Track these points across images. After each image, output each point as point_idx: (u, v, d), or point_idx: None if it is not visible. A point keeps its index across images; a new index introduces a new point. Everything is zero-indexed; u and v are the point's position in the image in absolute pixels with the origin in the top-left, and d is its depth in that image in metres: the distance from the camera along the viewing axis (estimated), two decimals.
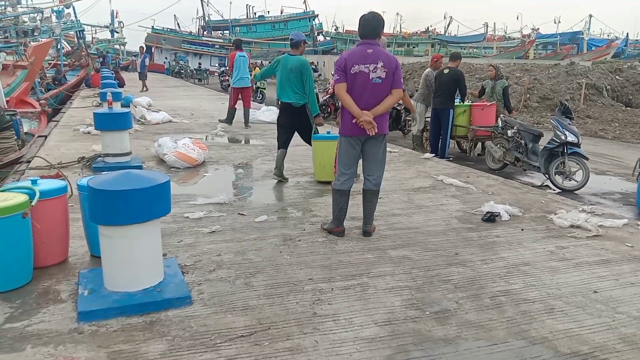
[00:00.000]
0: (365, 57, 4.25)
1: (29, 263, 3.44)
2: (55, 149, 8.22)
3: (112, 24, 45.51)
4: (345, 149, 4.47)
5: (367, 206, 4.57)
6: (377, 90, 4.26)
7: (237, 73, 11.62)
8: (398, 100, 4.51)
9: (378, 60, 4.23)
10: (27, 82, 14.57)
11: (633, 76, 21.15)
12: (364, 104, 4.25)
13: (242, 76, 11.61)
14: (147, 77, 21.44)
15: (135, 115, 11.26)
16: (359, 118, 4.22)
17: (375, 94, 4.27)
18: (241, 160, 7.84)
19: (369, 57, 4.24)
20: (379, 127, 4.29)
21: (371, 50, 4.26)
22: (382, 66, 4.23)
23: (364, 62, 4.24)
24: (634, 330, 3.00)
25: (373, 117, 4.23)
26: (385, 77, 4.25)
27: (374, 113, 4.24)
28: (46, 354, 2.61)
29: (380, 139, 4.43)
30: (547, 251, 4.28)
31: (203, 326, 2.92)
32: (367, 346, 2.76)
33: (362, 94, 4.27)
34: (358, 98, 4.27)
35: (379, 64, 4.23)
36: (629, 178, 8.08)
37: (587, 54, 49.86)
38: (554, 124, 7.51)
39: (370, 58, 4.24)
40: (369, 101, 4.26)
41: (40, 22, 23.74)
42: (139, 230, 3.09)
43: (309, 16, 56.05)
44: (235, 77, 11.69)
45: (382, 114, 4.33)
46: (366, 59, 4.24)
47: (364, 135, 4.33)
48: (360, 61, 4.25)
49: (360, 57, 4.26)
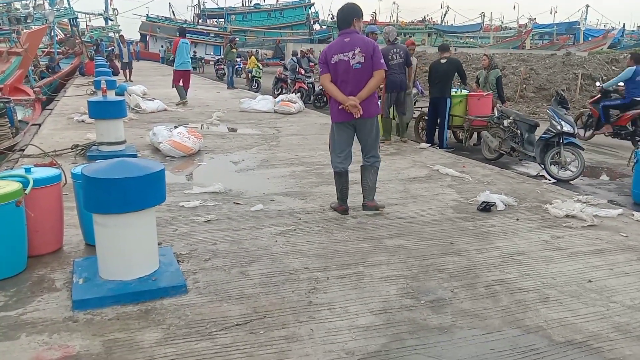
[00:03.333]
0: (343, 46, 4.53)
1: (23, 251, 3.43)
2: (49, 137, 8.17)
3: (106, 11, 44.96)
4: (337, 135, 4.76)
5: (365, 181, 4.84)
6: (359, 75, 4.51)
7: (179, 58, 12.91)
8: (381, 81, 4.75)
9: (355, 47, 4.48)
10: (21, 69, 14.39)
11: None
12: (349, 91, 4.51)
13: (184, 60, 12.95)
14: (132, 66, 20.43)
15: (129, 104, 11.18)
16: (344, 103, 4.48)
17: (357, 79, 4.51)
18: (237, 149, 7.81)
19: (346, 45, 4.51)
20: (367, 110, 4.55)
21: (348, 39, 4.53)
22: (360, 51, 4.47)
23: (342, 51, 4.52)
24: (628, 319, 3.02)
25: (360, 102, 4.47)
26: (365, 62, 4.49)
27: (359, 97, 4.48)
28: (41, 342, 2.61)
29: (371, 121, 4.68)
30: (542, 241, 4.30)
31: (198, 315, 2.92)
32: (362, 334, 2.77)
33: (345, 81, 4.53)
34: (343, 85, 4.54)
35: (356, 50, 4.47)
36: (624, 168, 8.10)
37: (584, 45, 49.73)
38: (550, 114, 7.50)
39: (347, 46, 4.51)
40: (353, 86, 4.51)
41: (33, 9, 23.48)
42: (133, 219, 3.08)
43: (305, 4, 55.55)
44: (178, 61, 12.94)
45: (367, 97, 4.55)
46: (344, 48, 4.52)
47: (353, 119, 4.58)
48: (339, 50, 4.53)
49: (338, 47, 4.55)
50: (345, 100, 4.48)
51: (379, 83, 4.70)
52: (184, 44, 12.96)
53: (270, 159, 7.23)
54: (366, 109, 4.55)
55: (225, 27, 51.10)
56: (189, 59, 13.20)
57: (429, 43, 50.75)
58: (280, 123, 10.73)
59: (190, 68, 13.39)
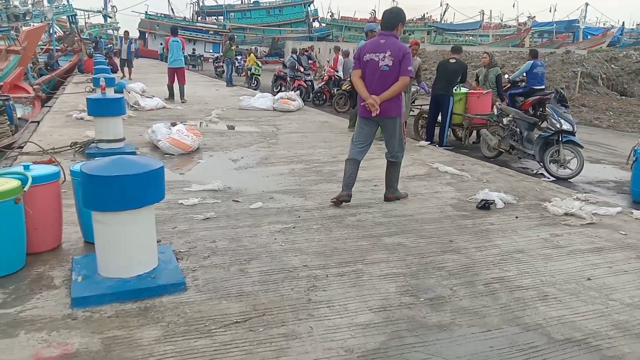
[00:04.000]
0: (377, 46, 4.83)
1: (22, 249, 3.42)
2: (48, 134, 8.16)
3: (105, 8, 44.87)
4: (359, 128, 5.11)
5: (386, 175, 5.24)
6: (384, 76, 4.78)
7: (171, 55, 13.41)
8: (404, 87, 4.92)
9: (387, 50, 4.76)
10: (20, 67, 14.37)
11: (628, 65, 21.17)
12: (373, 89, 4.81)
13: (175, 58, 13.39)
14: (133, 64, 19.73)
15: (128, 101, 11.17)
16: (366, 100, 4.78)
17: (383, 80, 4.79)
18: (236, 147, 7.81)
19: (380, 46, 4.81)
20: (388, 110, 4.84)
21: (383, 41, 4.82)
22: (390, 55, 4.74)
23: (374, 51, 4.82)
24: (627, 317, 3.03)
25: (381, 102, 4.74)
26: (392, 65, 4.75)
27: (381, 98, 4.75)
28: (40, 339, 2.61)
29: (393, 121, 4.97)
30: (541, 239, 4.30)
31: (197, 312, 2.91)
32: (361, 332, 2.77)
33: (372, 79, 4.85)
34: (369, 83, 4.86)
35: (387, 53, 4.75)
36: (623, 167, 8.10)
37: (583, 43, 49.79)
38: (550, 112, 7.50)
39: (380, 48, 4.80)
40: (377, 86, 4.80)
41: (31, 6, 23.39)
42: (132, 217, 3.08)
43: (305, 2, 55.46)
44: (170, 58, 13.48)
45: (390, 99, 4.80)
46: (377, 49, 4.82)
47: (375, 117, 4.86)
48: (372, 50, 4.84)
49: (373, 47, 4.86)
50: (367, 98, 4.78)
51: (402, 88, 4.87)
52: (174, 42, 13.43)
53: (270, 156, 7.23)
54: (386, 109, 4.81)
55: (224, 25, 50.99)
56: (180, 57, 13.55)
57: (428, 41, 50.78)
58: (280, 121, 10.73)
59: (182, 65, 13.75)
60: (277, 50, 42.75)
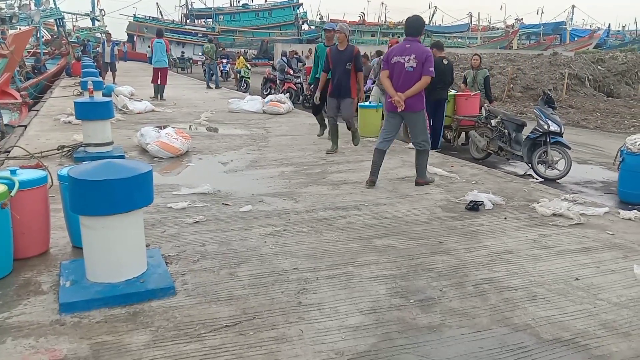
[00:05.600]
0: (403, 50, 5.59)
1: (9, 254, 3.38)
2: (35, 138, 8.09)
3: (93, 11, 44.61)
4: (386, 121, 5.95)
5: (417, 163, 5.96)
6: (409, 76, 5.53)
7: (155, 56, 14.38)
8: (426, 85, 5.59)
9: (412, 53, 5.51)
10: (7, 72, 14.20)
11: (614, 66, 21.38)
12: (399, 87, 5.57)
13: (159, 58, 14.31)
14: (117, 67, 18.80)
15: (117, 105, 11.09)
16: (393, 97, 5.56)
17: (408, 79, 5.54)
18: (225, 150, 7.79)
19: (406, 50, 5.57)
20: (412, 105, 5.58)
21: (409, 45, 5.59)
22: (414, 58, 5.50)
23: (401, 54, 5.59)
24: (614, 316, 3.05)
25: (406, 98, 5.50)
26: (416, 66, 5.51)
27: (405, 95, 5.51)
28: (27, 346, 2.58)
29: (416, 114, 5.71)
30: (529, 239, 4.33)
31: (187, 316, 2.90)
32: (352, 334, 2.77)
33: (398, 79, 5.59)
34: (395, 82, 5.62)
35: (412, 56, 5.51)
36: (610, 167, 8.18)
37: (570, 45, 50.22)
38: (537, 114, 7.56)
39: (406, 51, 5.56)
40: (403, 84, 5.55)
41: (18, 9, 23.19)
42: (121, 221, 3.06)
43: (294, 5, 55.47)
44: (154, 59, 14.45)
45: (413, 95, 5.53)
46: (403, 52, 5.58)
47: (401, 112, 5.62)
48: (399, 53, 5.61)
49: (399, 50, 5.62)
50: (394, 95, 5.55)
51: (424, 86, 5.56)
52: (158, 44, 14.41)
53: (259, 159, 7.22)
54: (410, 104, 5.56)
55: (213, 27, 50.87)
56: (164, 57, 14.37)
57: None
58: (269, 123, 10.71)
59: (165, 65, 14.54)
60: (266, 53, 42.68)
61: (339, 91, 7.40)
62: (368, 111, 9.44)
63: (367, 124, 9.41)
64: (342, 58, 7.26)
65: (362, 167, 6.72)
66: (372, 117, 9.44)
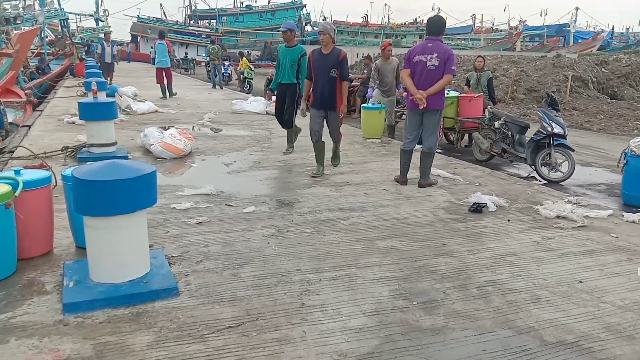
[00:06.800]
0: (425, 49, 5.67)
1: (13, 254, 3.39)
2: (39, 139, 8.10)
3: (97, 12, 44.74)
4: (409, 119, 5.98)
5: (421, 164, 5.94)
6: (431, 74, 5.61)
7: (157, 57, 15.12)
8: (447, 83, 5.71)
9: (434, 52, 5.59)
10: (12, 70, 14.24)
11: (618, 69, 21.33)
12: (421, 85, 5.64)
13: (160, 59, 14.92)
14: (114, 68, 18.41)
15: (120, 105, 11.12)
16: (415, 95, 5.62)
17: (430, 78, 5.61)
18: (228, 151, 7.79)
19: (428, 49, 5.65)
20: (433, 103, 5.66)
21: (431, 45, 5.66)
22: (436, 56, 5.58)
23: (423, 53, 5.66)
24: (618, 319, 3.04)
25: (427, 96, 5.56)
26: (438, 65, 5.59)
27: (428, 92, 5.58)
28: (31, 346, 2.58)
29: (435, 113, 5.77)
30: (533, 242, 4.32)
31: (190, 317, 2.90)
32: (355, 336, 2.76)
33: (420, 77, 5.67)
34: (417, 80, 5.69)
35: (434, 55, 5.58)
36: (613, 169, 8.17)
37: (574, 47, 50.13)
38: (541, 116, 7.55)
39: (428, 50, 5.64)
40: (425, 83, 5.63)
41: (22, 9, 23.28)
42: (124, 221, 3.06)
43: (297, 6, 55.56)
44: (156, 59, 15.19)
45: (435, 93, 5.61)
46: (425, 51, 5.66)
47: (422, 110, 5.68)
48: (421, 52, 5.69)
49: (421, 49, 5.71)
50: (415, 93, 5.62)
51: (446, 84, 5.66)
52: (160, 45, 14.93)
53: (262, 160, 7.22)
54: (431, 102, 5.62)
55: (216, 29, 50.96)
56: (166, 58, 14.87)
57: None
58: (272, 124, 10.67)
59: (167, 65, 15.02)
60: (269, 54, 42.72)
61: (322, 102, 6.29)
62: (371, 112, 9.42)
63: (370, 126, 9.39)
64: (327, 63, 6.17)
65: (365, 168, 6.71)
66: (376, 118, 9.39)
